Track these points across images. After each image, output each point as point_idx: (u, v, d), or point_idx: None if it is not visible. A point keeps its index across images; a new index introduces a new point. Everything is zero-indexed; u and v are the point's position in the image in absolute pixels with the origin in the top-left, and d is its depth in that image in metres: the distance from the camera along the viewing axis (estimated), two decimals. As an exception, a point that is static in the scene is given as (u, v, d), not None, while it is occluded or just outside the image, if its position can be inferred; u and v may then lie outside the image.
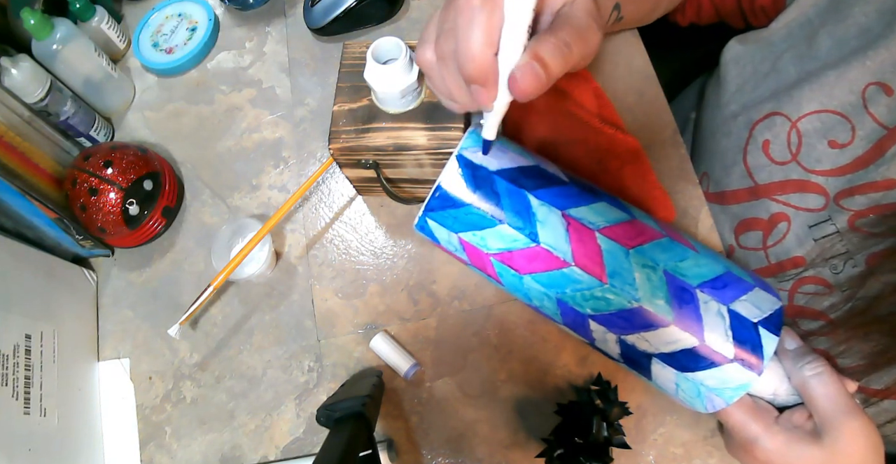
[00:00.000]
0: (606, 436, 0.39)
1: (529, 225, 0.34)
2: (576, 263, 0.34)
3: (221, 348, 0.51)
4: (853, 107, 0.38)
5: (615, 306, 0.33)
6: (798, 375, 0.34)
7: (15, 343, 0.43)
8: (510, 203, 0.34)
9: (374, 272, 0.51)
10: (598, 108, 0.50)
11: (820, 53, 0.40)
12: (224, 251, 0.50)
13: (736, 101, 0.47)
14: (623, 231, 0.35)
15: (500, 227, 0.34)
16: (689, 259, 0.35)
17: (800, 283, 0.43)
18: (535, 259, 0.34)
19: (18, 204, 0.47)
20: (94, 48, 0.56)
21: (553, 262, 0.34)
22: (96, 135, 0.58)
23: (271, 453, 0.48)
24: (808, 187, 0.41)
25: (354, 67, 0.45)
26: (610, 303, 0.33)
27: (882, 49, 0.36)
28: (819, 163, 0.40)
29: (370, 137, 0.42)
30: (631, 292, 0.33)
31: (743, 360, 0.33)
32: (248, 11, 0.64)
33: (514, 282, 0.36)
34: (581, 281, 0.34)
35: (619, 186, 0.47)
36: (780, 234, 0.43)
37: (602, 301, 0.33)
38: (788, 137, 0.41)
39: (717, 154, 0.49)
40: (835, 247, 0.40)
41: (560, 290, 0.34)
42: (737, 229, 0.47)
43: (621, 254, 0.34)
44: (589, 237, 0.34)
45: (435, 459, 0.45)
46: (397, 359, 0.47)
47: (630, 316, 0.33)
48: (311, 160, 0.56)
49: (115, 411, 0.50)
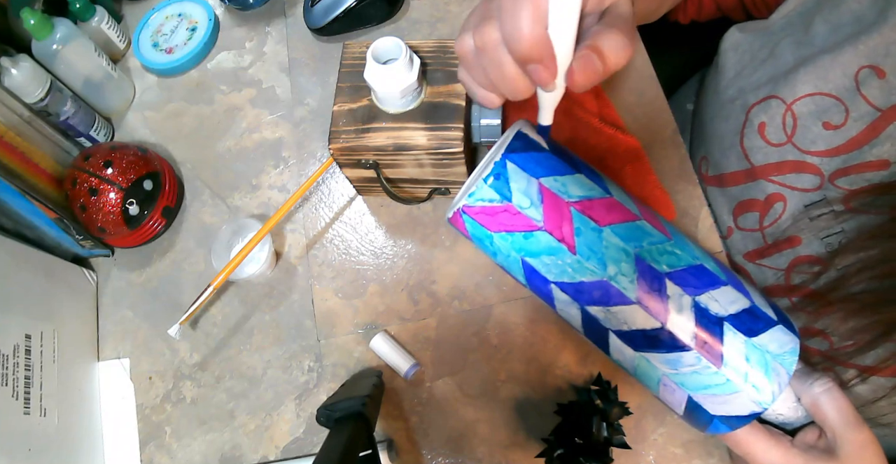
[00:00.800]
0: (606, 436, 0.39)
1: (600, 180, 0.35)
2: (644, 217, 0.34)
3: (221, 348, 0.51)
4: (847, 90, 0.39)
5: (684, 262, 0.34)
6: (809, 392, 0.35)
7: (15, 343, 0.43)
8: (579, 160, 0.36)
9: (374, 272, 0.51)
10: (598, 108, 0.50)
11: (816, 39, 0.41)
12: (224, 251, 0.50)
13: (734, 86, 0.48)
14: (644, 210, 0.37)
15: (579, 175, 0.34)
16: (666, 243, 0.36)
17: (795, 261, 0.43)
18: (612, 209, 0.34)
19: (18, 204, 0.47)
20: (94, 48, 0.56)
21: (627, 214, 0.34)
22: (96, 135, 0.58)
23: (271, 453, 0.48)
24: (803, 168, 0.42)
25: (354, 67, 0.45)
26: (680, 258, 0.34)
27: (875, 34, 0.37)
28: (814, 144, 0.41)
29: (370, 137, 0.42)
30: (691, 250, 0.34)
31: (785, 322, 0.33)
32: (248, 11, 0.64)
33: (593, 238, 0.34)
34: (653, 235, 0.34)
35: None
36: (776, 214, 0.44)
37: (674, 256, 0.34)
38: (784, 120, 0.42)
39: (716, 138, 0.49)
40: (830, 225, 0.40)
41: (638, 243, 0.34)
42: (735, 211, 0.48)
43: (666, 222, 0.36)
44: (641, 203, 0.36)
45: (435, 459, 0.45)
46: (397, 359, 0.47)
47: (698, 273, 0.34)
48: (311, 160, 0.56)
49: (115, 411, 0.50)
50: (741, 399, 0.32)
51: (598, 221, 0.33)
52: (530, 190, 0.33)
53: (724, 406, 0.33)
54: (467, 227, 0.35)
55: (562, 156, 0.35)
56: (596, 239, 0.33)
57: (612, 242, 0.33)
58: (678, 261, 0.33)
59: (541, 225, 0.33)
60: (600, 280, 0.34)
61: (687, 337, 0.32)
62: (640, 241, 0.33)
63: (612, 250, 0.33)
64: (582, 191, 0.34)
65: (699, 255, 0.34)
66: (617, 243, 0.33)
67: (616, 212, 0.34)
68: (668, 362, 0.33)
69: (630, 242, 0.33)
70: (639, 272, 0.33)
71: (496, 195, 0.34)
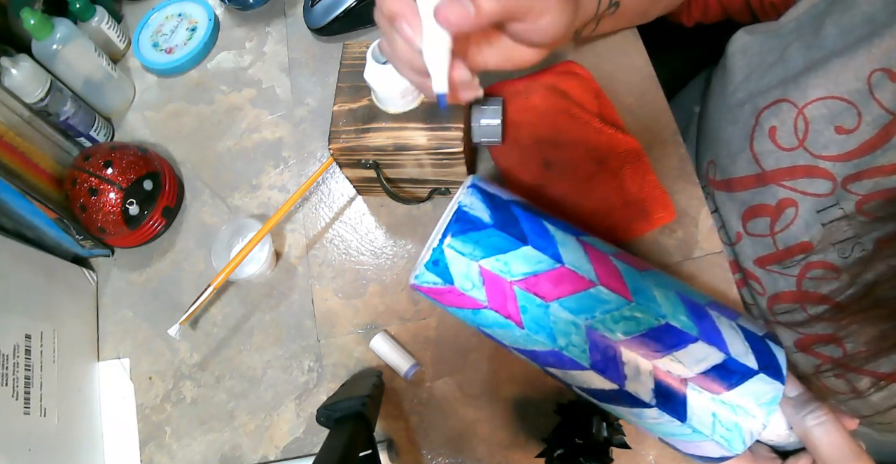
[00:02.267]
0: (606, 436, 0.39)
1: (551, 246, 0.34)
2: (601, 282, 0.33)
3: (221, 348, 0.51)
4: (859, 93, 0.38)
5: (644, 326, 0.32)
6: (801, 424, 0.34)
7: (15, 343, 0.43)
8: (530, 226, 0.34)
9: (374, 272, 0.51)
10: (598, 109, 0.50)
11: (826, 42, 0.41)
12: (224, 251, 0.50)
13: (742, 89, 0.47)
14: (627, 259, 0.36)
15: (525, 248, 0.33)
16: (682, 284, 0.36)
17: (807, 267, 0.43)
18: (561, 281, 0.33)
19: (18, 204, 0.47)
20: (94, 48, 0.56)
21: (579, 282, 0.33)
22: (96, 135, 0.58)
23: (271, 453, 0.48)
24: (815, 173, 0.41)
25: (354, 67, 0.45)
26: (639, 322, 0.32)
27: (887, 37, 0.37)
28: (826, 148, 0.40)
29: (370, 137, 0.42)
30: (656, 309, 0.33)
31: (767, 369, 0.32)
32: (248, 11, 0.64)
33: (539, 314, 0.33)
34: (609, 301, 0.33)
35: (619, 186, 0.47)
36: (787, 219, 0.43)
37: (632, 322, 0.32)
38: (795, 124, 0.42)
39: (723, 142, 0.49)
40: (843, 231, 0.40)
41: (589, 314, 0.33)
42: (744, 216, 0.47)
43: (636, 274, 0.34)
44: (605, 259, 0.34)
45: (435, 459, 0.45)
46: (397, 359, 0.47)
47: (659, 335, 0.32)
48: (311, 160, 0.56)
49: (115, 411, 0.50)
50: (710, 446, 0.32)
51: (544, 297, 0.33)
52: (471, 273, 0.33)
53: (695, 448, 0.33)
54: (425, 296, 0.37)
55: (507, 226, 0.34)
56: (543, 315, 0.33)
57: (561, 317, 0.33)
58: (637, 326, 0.32)
59: (485, 305, 0.34)
60: (552, 350, 0.34)
61: (647, 397, 0.32)
62: (592, 311, 0.33)
63: (561, 324, 0.33)
64: (527, 266, 0.33)
65: (667, 311, 0.33)
66: (566, 317, 0.33)
67: (566, 283, 0.33)
68: (632, 414, 0.34)
69: (580, 314, 0.33)
70: (590, 343, 0.33)
71: (438, 279, 0.34)
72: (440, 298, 0.36)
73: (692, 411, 0.32)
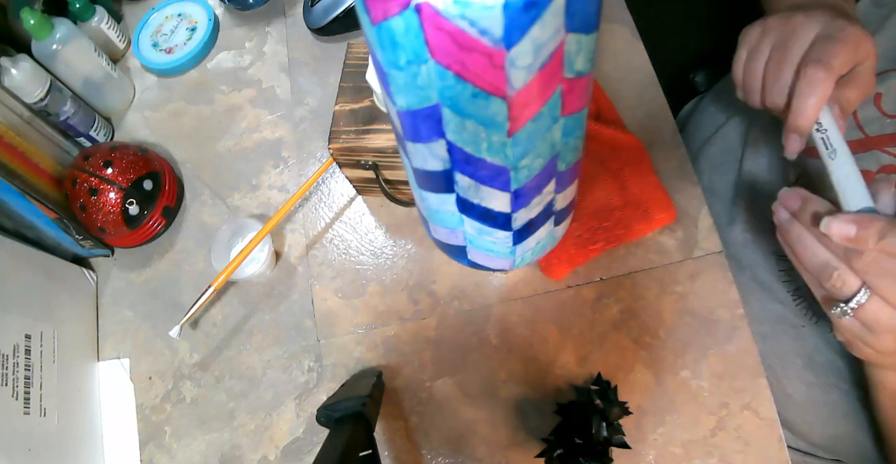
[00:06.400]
0: (606, 436, 0.39)
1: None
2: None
3: (221, 348, 0.51)
4: None
5: (577, 157, 0.32)
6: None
7: (15, 343, 0.43)
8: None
9: (374, 272, 0.51)
10: (598, 109, 0.50)
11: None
12: (224, 251, 0.50)
13: None
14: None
15: (596, 34, 0.25)
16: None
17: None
18: (584, 92, 0.27)
19: (18, 204, 0.47)
20: (94, 48, 0.56)
21: (585, 99, 0.28)
22: (96, 135, 0.58)
23: (271, 453, 0.48)
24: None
25: (358, 68, 0.45)
26: (577, 153, 0.31)
27: None
28: None
29: (370, 139, 0.42)
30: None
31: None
32: (248, 11, 0.64)
33: (543, 127, 0.25)
34: (583, 125, 0.30)
35: (619, 187, 0.47)
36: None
37: (576, 152, 0.31)
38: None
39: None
40: None
41: (566, 138, 0.28)
42: None
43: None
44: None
45: (435, 459, 0.45)
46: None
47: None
48: (311, 160, 0.56)
49: (115, 411, 0.50)
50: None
51: (565, 107, 0.25)
52: (546, 46, 0.21)
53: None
54: (397, 31, 0.21)
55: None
56: (544, 129, 0.26)
57: (551, 136, 0.27)
58: (574, 157, 0.31)
59: (511, 94, 0.23)
60: (503, 166, 0.27)
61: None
62: (572, 134, 0.27)
63: (545, 145, 0.27)
64: (583, 63, 0.24)
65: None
66: (553, 138, 0.27)
67: (584, 96, 0.27)
68: (478, 230, 0.33)
69: (567, 136, 0.27)
70: (543, 168, 0.28)
71: (500, 30, 0.20)
72: (446, 50, 0.21)
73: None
